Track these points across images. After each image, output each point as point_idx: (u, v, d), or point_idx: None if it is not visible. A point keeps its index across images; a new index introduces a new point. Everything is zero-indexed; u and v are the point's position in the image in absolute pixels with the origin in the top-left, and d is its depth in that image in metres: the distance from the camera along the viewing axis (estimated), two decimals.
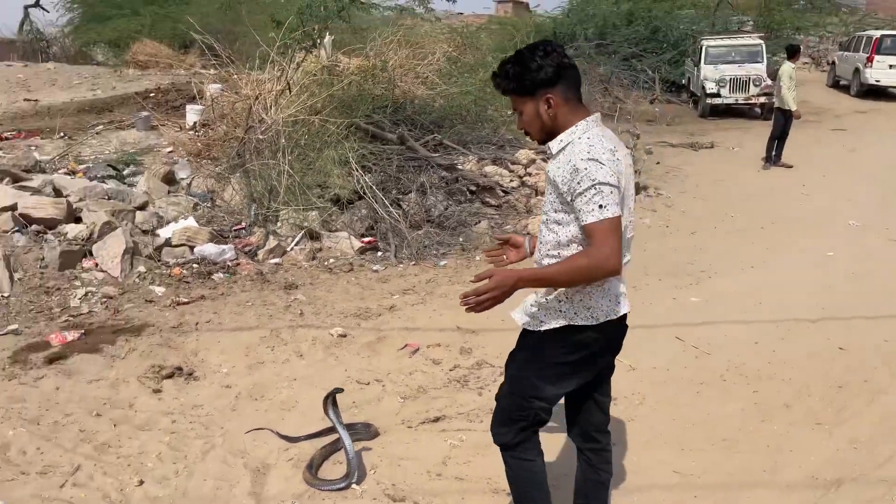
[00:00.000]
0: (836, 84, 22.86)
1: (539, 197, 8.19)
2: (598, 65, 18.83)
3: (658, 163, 11.71)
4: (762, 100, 17.45)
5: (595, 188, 2.23)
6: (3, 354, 4.50)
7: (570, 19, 21.52)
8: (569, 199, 2.31)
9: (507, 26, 21.52)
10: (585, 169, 2.25)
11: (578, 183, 2.26)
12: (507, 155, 9.04)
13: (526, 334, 2.56)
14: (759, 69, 17.69)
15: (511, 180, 8.34)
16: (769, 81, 17.63)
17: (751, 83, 17.41)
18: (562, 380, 2.51)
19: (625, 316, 2.48)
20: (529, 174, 8.57)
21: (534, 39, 18.61)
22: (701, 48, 18.34)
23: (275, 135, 6.74)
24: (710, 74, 17.68)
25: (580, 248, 2.36)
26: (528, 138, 2.46)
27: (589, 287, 2.38)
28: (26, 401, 3.99)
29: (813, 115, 18.12)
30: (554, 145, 2.40)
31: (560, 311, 2.42)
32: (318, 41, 8.23)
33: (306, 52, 7.84)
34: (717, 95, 17.52)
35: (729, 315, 5.45)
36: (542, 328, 2.46)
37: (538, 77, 2.35)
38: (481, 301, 2.30)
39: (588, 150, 2.29)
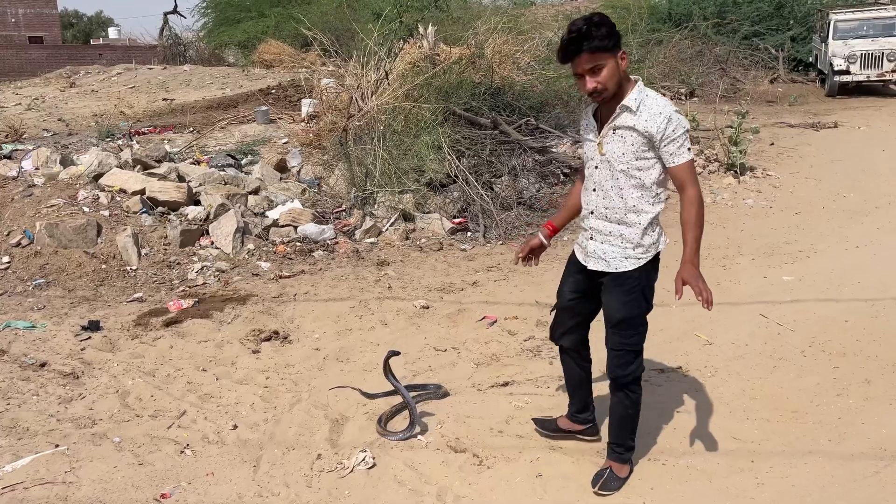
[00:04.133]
0: None
1: None
2: (714, 45, 18.14)
3: (772, 144, 11.24)
4: None
5: (685, 135, 2.74)
6: (128, 318, 5.11)
7: None
8: (659, 144, 2.75)
9: (619, 10, 21.07)
10: (678, 119, 2.73)
11: (673, 130, 2.72)
12: None
13: (622, 276, 2.94)
14: (895, 43, 16.46)
15: None
16: None
17: (884, 58, 16.26)
18: (651, 296, 3.02)
19: None
20: None
21: (647, 21, 18.24)
22: (829, 23, 17.27)
23: (372, 121, 7.11)
24: (838, 50, 16.65)
25: (659, 187, 2.86)
26: (590, 98, 2.80)
27: (658, 227, 2.96)
28: (144, 357, 4.54)
29: None
30: (631, 102, 2.75)
31: (652, 245, 2.94)
32: (418, 32, 8.54)
33: (404, 41, 8.15)
34: (847, 72, 16.48)
35: (822, 293, 5.29)
36: (642, 263, 2.92)
37: (616, 35, 2.68)
38: (707, 289, 2.79)
39: (667, 103, 2.76)
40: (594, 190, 2.95)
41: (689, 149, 2.76)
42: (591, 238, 3.01)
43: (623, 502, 3.05)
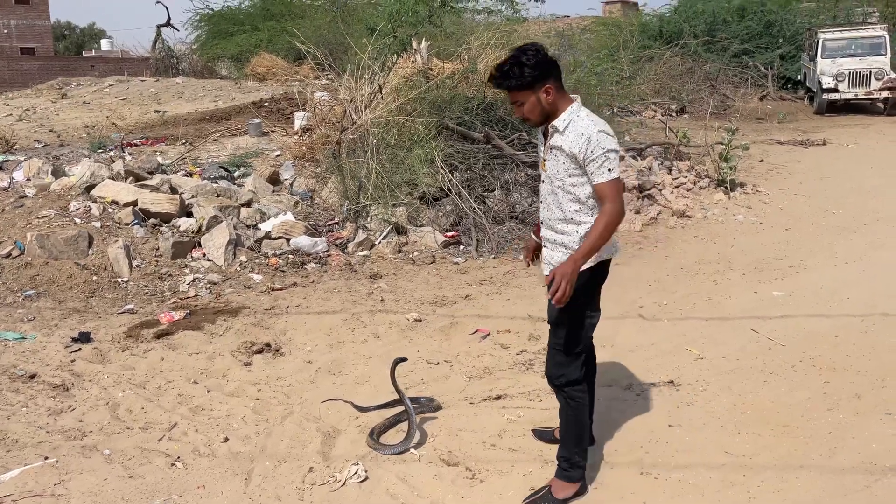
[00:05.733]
0: None
1: (625, 193, 8.19)
2: (705, 62, 18.34)
3: (762, 160, 11.36)
4: (885, 94, 16.48)
5: (605, 155, 2.82)
6: (119, 330, 5.08)
7: (678, 16, 21.05)
8: (583, 163, 2.85)
9: (610, 27, 21.30)
10: (598, 140, 2.82)
11: (592, 150, 2.82)
12: None
13: None
14: (882, 62, 16.71)
15: None
16: (893, 75, 16.62)
17: (872, 77, 16.48)
18: (592, 302, 3.13)
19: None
20: None
21: (638, 38, 18.42)
22: (817, 42, 17.50)
23: (365, 135, 7.13)
24: (827, 69, 16.86)
25: (596, 200, 2.91)
26: (525, 124, 3.08)
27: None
28: (135, 369, 4.52)
29: None
30: (559, 124, 2.90)
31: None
32: (411, 46, 8.60)
33: (398, 56, 8.21)
34: (835, 91, 16.69)
35: (812, 309, 5.32)
36: (585, 267, 2.94)
37: (536, 73, 2.85)
38: (563, 290, 2.78)
39: (594, 123, 2.87)
40: (542, 202, 3.15)
41: (609, 169, 2.82)
42: (545, 246, 3.16)
43: None
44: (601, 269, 3.09)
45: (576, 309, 3.00)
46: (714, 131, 10.58)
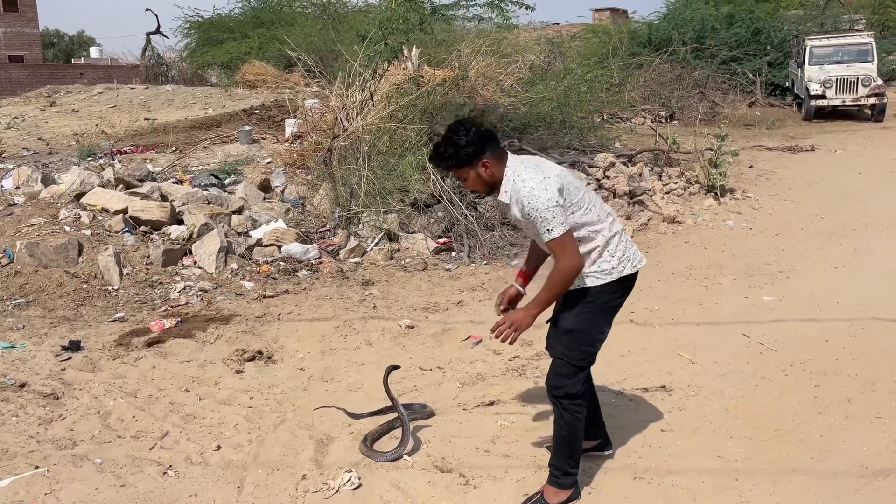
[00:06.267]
0: None
1: (616, 199, 8.23)
2: (693, 69, 18.46)
3: (751, 166, 11.44)
4: (872, 101, 16.62)
5: (540, 216, 2.82)
6: (110, 338, 5.05)
7: (666, 24, 21.18)
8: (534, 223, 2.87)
9: (599, 34, 21.41)
10: (528, 203, 2.83)
11: (528, 214, 2.86)
12: (587, 159, 9.11)
13: (581, 291, 3.02)
14: (869, 69, 16.86)
15: (588, 183, 8.41)
16: (880, 81, 16.78)
17: (859, 84, 16.63)
18: (610, 318, 3.11)
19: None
20: (608, 177, 8.62)
21: (627, 46, 18.52)
22: (805, 48, 17.65)
23: (356, 142, 7.14)
24: (814, 75, 17.00)
25: (588, 227, 2.94)
26: (474, 194, 3.01)
27: (621, 251, 3.01)
28: (126, 377, 4.49)
29: None
30: (503, 197, 2.95)
31: (614, 269, 3.00)
32: (402, 53, 8.62)
33: (389, 63, 8.23)
34: (823, 97, 16.82)
35: (802, 313, 5.36)
36: (602, 282, 3.00)
37: (470, 150, 2.90)
38: (510, 337, 2.99)
39: (523, 186, 2.85)
40: (530, 248, 3.28)
41: (549, 229, 2.82)
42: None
43: None
44: (626, 285, 3.07)
45: (594, 324, 3.03)
46: (703, 137, 10.64)
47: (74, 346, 4.84)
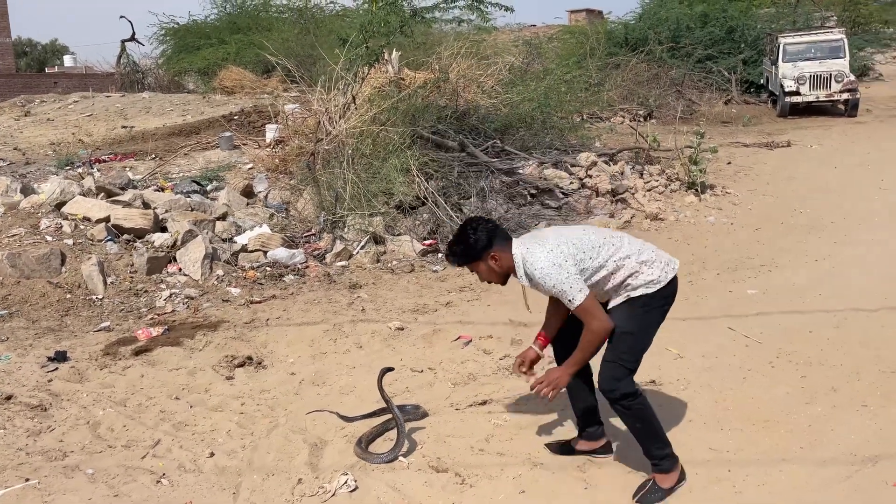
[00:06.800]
0: None
1: (599, 198, 8.30)
2: (670, 68, 18.65)
3: (729, 163, 11.57)
4: (845, 96, 16.88)
5: (559, 290, 2.98)
6: (96, 348, 5.00)
7: (642, 24, 21.38)
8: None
9: (577, 35, 21.55)
10: (545, 281, 3.00)
11: (551, 288, 3.01)
12: (569, 158, 9.17)
13: (633, 298, 3.10)
14: (842, 65, 17.12)
15: (571, 182, 8.48)
16: (852, 77, 17.04)
17: (832, 79, 16.88)
18: (658, 324, 3.20)
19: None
20: (590, 176, 8.69)
21: (604, 46, 18.67)
22: (778, 46, 17.89)
23: (340, 145, 7.13)
24: (788, 72, 17.23)
25: (612, 270, 3.07)
26: (491, 284, 3.34)
27: (655, 265, 3.10)
28: (115, 386, 4.45)
29: None
30: (522, 280, 3.11)
31: (656, 280, 3.09)
32: (383, 57, 8.63)
33: (370, 66, 8.23)
34: (797, 93, 17.05)
35: (785, 306, 5.43)
36: (652, 290, 3.10)
37: (479, 246, 3.09)
38: (549, 394, 3.12)
39: (535, 269, 3.01)
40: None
41: (570, 300, 2.97)
42: None
43: None
44: (672, 290, 3.17)
45: (647, 328, 3.12)
46: (682, 135, 10.76)
47: (60, 357, 4.78)
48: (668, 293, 3.15)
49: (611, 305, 3.13)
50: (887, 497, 3.09)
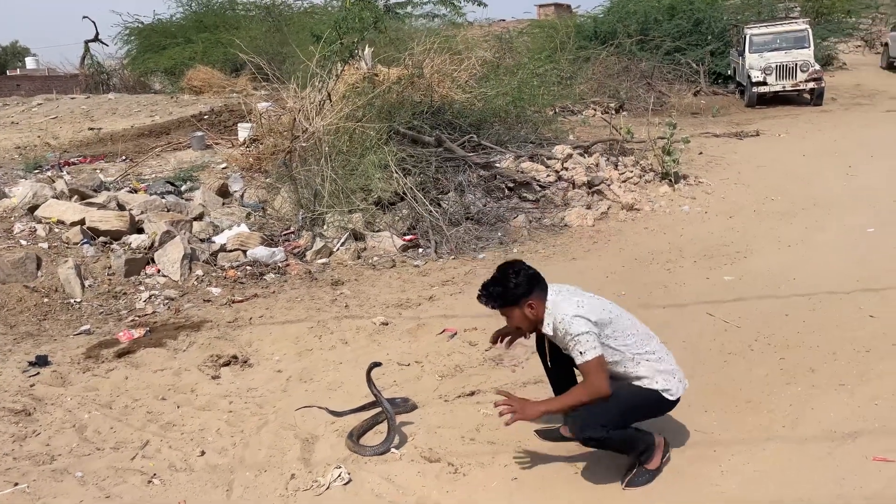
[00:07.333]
0: (890, 66, 22.34)
1: (576, 190, 8.38)
2: (639, 61, 18.83)
3: (701, 153, 11.71)
4: (811, 85, 17.16)
5: (574, 340, 2.99)
6: (77, 351, 4.95)
7: (611, 17, 21.55)
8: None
9: (546, 29, 21.65)
10: (564, 330, 3.02)
11: (563, 339, 3.06)
12: (545, 151, 9.24)
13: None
14: (807, 55, 17.39)
15: (548, 175, 8.54)
16: (817, 66, 17.34)
17: (798, 69, 17.13)
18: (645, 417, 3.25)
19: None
20: (566, 168, 8.76)
21: (574, 40, 18.81)
22: (745, 37, 18.14)
23: (317, 143, 7.11)
24: (755, 63, 17.47)
25: (625, 362, 3.14)
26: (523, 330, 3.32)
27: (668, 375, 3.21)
28: (99, 389, 4.41)
29: (866, 98, 17.75)
30: (547, 329, 3.12)
31: (674, 391, 3.21)
32: (357, 53, 8.61)
33: (344, 63, 8.21)
34: (764, 84, 17.28)
35: (762, 291, 5.54)
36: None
37: (518, 292, 3.08)
38: (508, 417, 3.08)
39: (561, 315, 3.04)
40: None
41: (581, 352, 2.98)
42: None
43: (595, 497, 3.15)
44: (676, 403, 3.24)
45: (636, 410, 3.14)
46: (655, 127, 10.88)
47: (42, 361, 4.72)
48: (671, 404, 3.22)
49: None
50: (868, 471, 3.19)
